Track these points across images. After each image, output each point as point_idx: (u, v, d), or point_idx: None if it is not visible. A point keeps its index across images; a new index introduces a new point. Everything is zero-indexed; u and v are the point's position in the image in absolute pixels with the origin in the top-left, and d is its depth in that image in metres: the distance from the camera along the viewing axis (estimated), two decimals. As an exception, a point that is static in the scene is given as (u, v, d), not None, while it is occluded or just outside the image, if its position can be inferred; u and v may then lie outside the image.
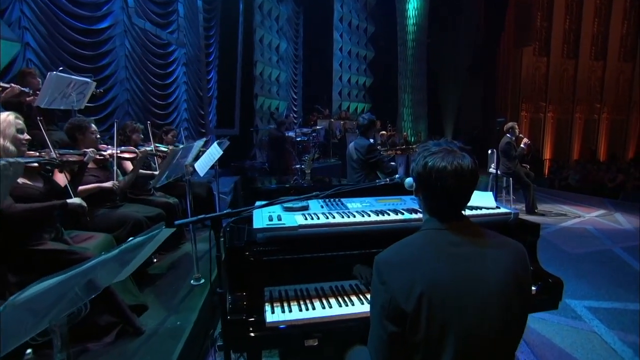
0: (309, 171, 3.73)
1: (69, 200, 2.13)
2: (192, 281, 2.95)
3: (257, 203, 1.93)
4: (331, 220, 1.67)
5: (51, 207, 2.04)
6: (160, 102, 7.50)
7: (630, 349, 2.54)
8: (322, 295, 1.67)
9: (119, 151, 3.15)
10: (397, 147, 10.74)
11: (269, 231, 1.57)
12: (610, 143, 14.94)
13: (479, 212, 1.83)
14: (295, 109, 13.01)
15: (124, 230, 2.78)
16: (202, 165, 3.40)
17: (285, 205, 1.79)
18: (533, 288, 1.75)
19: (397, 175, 1.71)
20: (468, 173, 1.08)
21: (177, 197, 4.18)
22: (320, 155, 9.35)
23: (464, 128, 14.46)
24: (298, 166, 7.26)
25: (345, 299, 1.65)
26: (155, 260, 3.39)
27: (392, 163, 3.76)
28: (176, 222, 1.38)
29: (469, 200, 1.14)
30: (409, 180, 1.49)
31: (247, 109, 10.27)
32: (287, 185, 2.51)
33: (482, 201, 1.92)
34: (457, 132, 14.60)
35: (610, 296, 3.34)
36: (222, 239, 1.46)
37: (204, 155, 3.48)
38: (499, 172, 6.56)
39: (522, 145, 6.30)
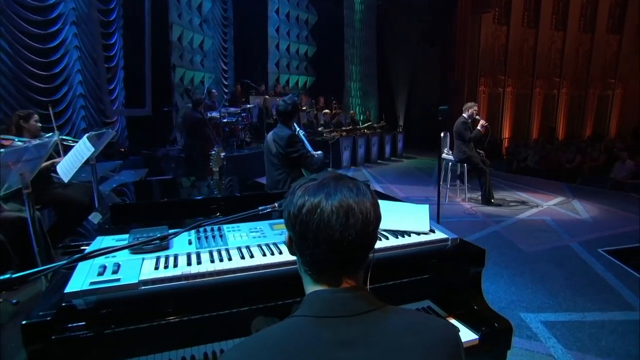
0: (217, 169, 3.32)
1: None
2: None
3: (98, 239, 1.52)
4: (193, 268, 1.29)
5: None
6: (42, 73, 6.59)
7: (588, 375, 2.49)
8: (187, 371, 1.33)
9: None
10: (343, 128, 10.57)
11: (92, 294, 1.17)
12: (569, 120, 15.92)
13: (406, 240, 1.55)
14: (225, 83, 12.29)
15: None
16: (66, 168, 2.86)
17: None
18: (475, 337, 1.52)
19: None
20: (363, 216, 0.80)
21: (43, 206, 3.58)
22: (251, 140, 8.87)
23: (419, 104, 14.60)
24: (223, 155, 6.77)
25: (219, 377, 1.32)
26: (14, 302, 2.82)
27: (319, 152, 3.43)
28: None
29: (368, 253, 0.86)
30: None
31: (163, 84, 9.47)
32: (165, 200, 2.10)
33: (413, 222, 1.65)
34: (410, 109, 14.71)
35: (567, 305, 3.34)
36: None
37: (69, 154, 2.93)
38: (453, 157, 6.57)
39: (478, 127, 6.30)
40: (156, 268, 1.28)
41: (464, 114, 6.41)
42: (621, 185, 8.49)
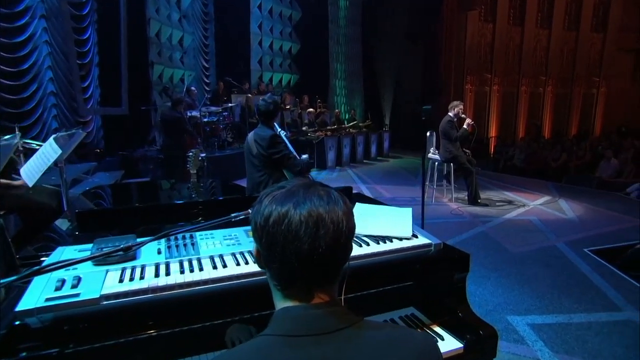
0: (195, 171, 3.26)
1: None
2: None
3: (59, 249, 1.45)
4: (161, 280, 1.24)
5: None
6: (9, 69, 6.39)
7: (575, 379, 2.50)
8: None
9: None
10: (328, 127, 10.55)
11: (48, 311, 1.10)
12: (555, 119, 16.19)
13: (388, 246, 1.52)
14: (207, 81, 12.13)
15: None
16: (31, 171, 2.75)
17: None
18: (459, 345, 1.50)
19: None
20: (334, 226, 0.76)
21: (7, 212, 3.45)
22: (233, 139, 8.76)
23: (405, 103, 14.67)
24: (202, 156, 6.66)
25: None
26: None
27: (305, 156, 3.39)
28: None
29: (341, 265, 0.82)
30: None
31: (140, 82, 9.29)
32: (136, 205, 2.02)
33: (395, 227, 1.62)
34: (397, 108, 14.76)
35: (554, 307, 3.36)
36: None
37: (34, 157, 2.82)
38: (439, 157, 6.60)
39: (464, 126, 6.34)
40: (121, 281, 1.22)
41: (449, 113, 6.44)
42: (606, 184, 8.66)
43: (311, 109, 11.08)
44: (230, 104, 9.06)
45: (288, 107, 10.86)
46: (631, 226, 5.64)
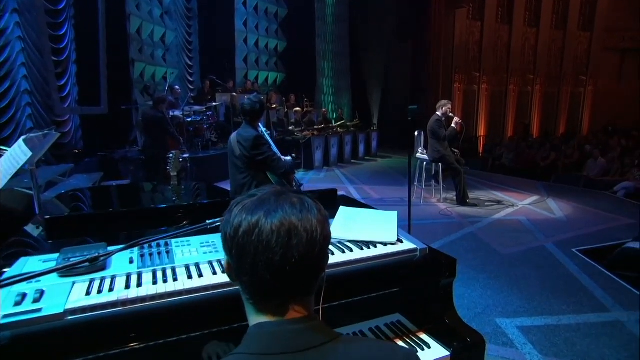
0: (175, 173, 3.19)
1: None
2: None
3: (22, 260, 1.39)
4: (132, 291, 1.18)
5: None
6: (-21, 66, 6.24)
7: (564, 383, 2.50)
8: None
9: None
10: (315, 127, 10.52)
11: (5, 329, 1.04)
12: (543, 118, 16.41)
13: (372, 252, 1.49)
14: (190, 79, 11.99)
15: None
16: (-1, 174, 2.65)
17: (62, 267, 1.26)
18: (446, 353, 1.47)
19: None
20: (307, 235, 0.73)
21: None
22: (218, 139, 8.67)
23: (393, 102, 14.72)
24: (186, 156, 6.58)
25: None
26: None
27: (288, 158, 3.35)
28: None
29: (317, 276, 0.79)
30: None
31: (121, 80, 9.13)
32: (110, 210, 1.96)
33: (380, 231, 1.59)
34: (385, 107, 14.80)
35: (543, 309, 3.38)
36: None
37: (2, 159, 2.72)
38: (428, 157, 6.62)
39: (452, 125, 6.37)
40: (88, 293, 1.17)
41: (437, 112, 6.46)
42: (594, 183, 8.79)
43: (298, 108, 11.05)
44: (214, 103, 8.97)
45: (274, 106, 10.79)
46: (618, 225, 5.73)
